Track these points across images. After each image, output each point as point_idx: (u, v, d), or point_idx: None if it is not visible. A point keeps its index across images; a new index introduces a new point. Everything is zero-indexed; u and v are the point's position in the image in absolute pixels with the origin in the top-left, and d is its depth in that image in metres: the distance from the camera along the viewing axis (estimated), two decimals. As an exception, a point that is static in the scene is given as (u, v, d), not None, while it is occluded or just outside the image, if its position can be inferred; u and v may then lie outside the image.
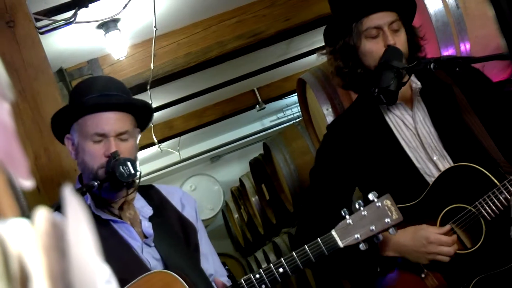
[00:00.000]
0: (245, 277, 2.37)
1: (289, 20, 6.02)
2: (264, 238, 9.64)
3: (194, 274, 2.40)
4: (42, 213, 0.49)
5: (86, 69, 5.88)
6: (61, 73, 5.68)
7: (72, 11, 4.43)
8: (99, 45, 5.56)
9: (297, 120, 9.89)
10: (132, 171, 2.39)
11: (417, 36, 2.80)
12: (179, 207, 2.69)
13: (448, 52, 3.35)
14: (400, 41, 2.68)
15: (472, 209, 2.60)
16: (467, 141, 2.69)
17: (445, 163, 2.67)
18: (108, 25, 5.28)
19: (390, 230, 2.38)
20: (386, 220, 2.36)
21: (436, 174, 2.66)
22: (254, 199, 9.20)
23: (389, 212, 2.37)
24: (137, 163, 2.47)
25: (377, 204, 2.38)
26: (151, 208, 2.60)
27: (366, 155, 2.75)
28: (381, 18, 2.68)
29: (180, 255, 2.49)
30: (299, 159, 6.71)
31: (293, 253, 2.38)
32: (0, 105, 0.48)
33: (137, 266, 2.42)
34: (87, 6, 4.43)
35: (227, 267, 2.41)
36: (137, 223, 2.55)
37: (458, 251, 2.59)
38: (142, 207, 2.60)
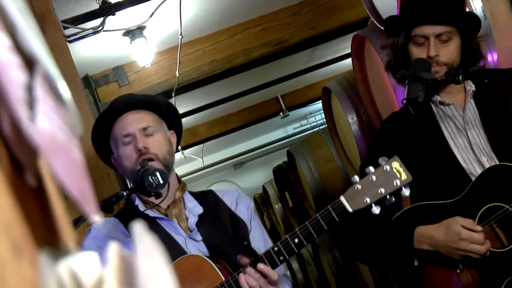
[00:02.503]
0: (264, 251, 2.47)
1: (314, 28, 6.04)
2: (287, 245, 9.62)
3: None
4: (112, 247, 0.50)
5: (112, 76, 5.92)
6: (86, 80, 5.72)
7: (99, 19, 4.46)
8: (125, 53, 5.60)
9: (321, 127, 9.91)
10: (161, 181, 2.43)
11: (474, 49, 2.79)
12: (233, 207, 2.78)
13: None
14: (446, 52, 2.69)
15: (509, 208, 2.59)
16: None
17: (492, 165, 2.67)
18: (134, 32, 5.32)
19: (404, 191, 2.37)
20: (395, 181, 2.36)
21: None
22: (277, 206, 9.20)
23: (397, 174, 2.38)
24: (165, 170, 2.52)
25: (385, 167, 2.39)
26: (202, 207, 2.69)
27: (415, 151, 2.76)
28: (430, 29, 2.70)
29: (226, 248, 2.58)
30: (323, 167, 6.71)
31: (306, 223, 2.46)
32: (71, 142, 0.48)
33: None
34: (114, 14, 4.47)
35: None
36: (183, 219, 2.65)
37: (493, 249, 2.58)
38: (193, 207, 2.69)
